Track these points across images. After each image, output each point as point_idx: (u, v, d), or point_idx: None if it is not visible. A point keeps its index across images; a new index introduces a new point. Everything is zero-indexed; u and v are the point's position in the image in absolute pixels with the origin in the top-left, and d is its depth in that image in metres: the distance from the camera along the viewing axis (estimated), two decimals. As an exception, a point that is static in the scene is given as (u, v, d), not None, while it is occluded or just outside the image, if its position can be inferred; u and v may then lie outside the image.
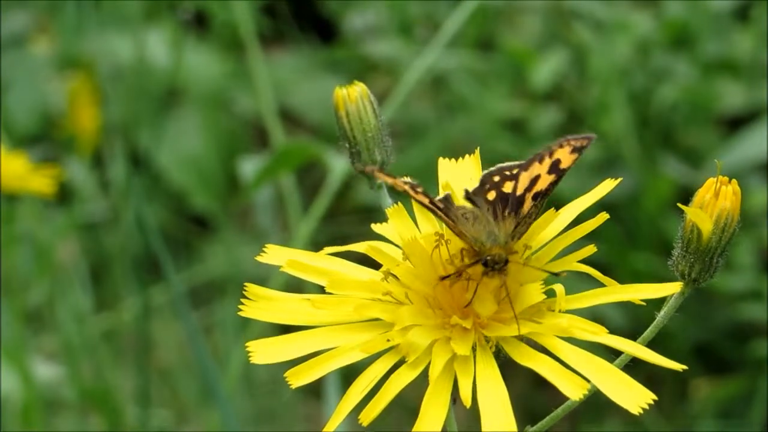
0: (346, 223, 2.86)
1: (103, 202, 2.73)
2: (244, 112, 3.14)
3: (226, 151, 2.99)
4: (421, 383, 0.89)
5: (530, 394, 2.40)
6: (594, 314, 0.89)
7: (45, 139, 2.95)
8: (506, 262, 0.88)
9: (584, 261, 0.92)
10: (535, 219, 0.92)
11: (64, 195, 2.50)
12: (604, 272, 0.90)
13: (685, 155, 2.64)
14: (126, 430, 2.11)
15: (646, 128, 2.65)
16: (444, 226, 0.93)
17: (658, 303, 0.94)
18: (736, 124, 2.68)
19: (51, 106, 2.97)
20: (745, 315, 2.43)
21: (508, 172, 0.94)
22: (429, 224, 0.96)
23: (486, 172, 0.95)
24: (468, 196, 0.95)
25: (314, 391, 2.68)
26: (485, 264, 0.88)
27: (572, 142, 0.92)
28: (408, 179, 0.94)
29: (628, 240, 2.56)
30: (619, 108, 2.56)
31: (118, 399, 2.13)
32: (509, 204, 0.92)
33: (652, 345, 0.88)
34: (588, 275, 0.90)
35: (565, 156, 0.92)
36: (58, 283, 2.25)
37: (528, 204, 0.91)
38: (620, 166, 2.59)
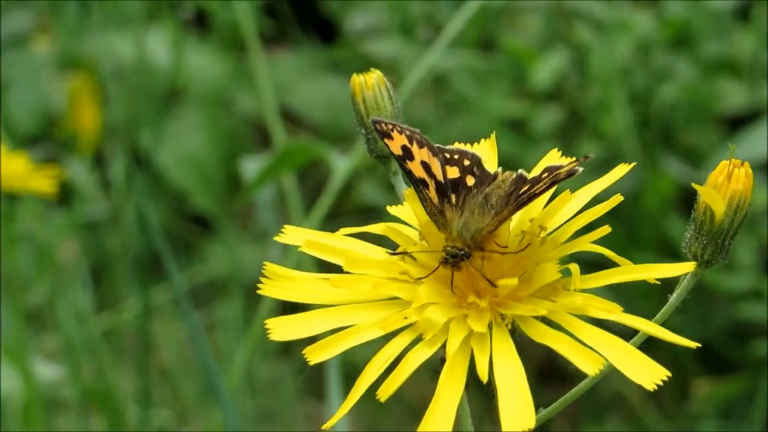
0: (347, 223, 2.85)
1: (103, 202, 2.73)
2: (244, 112, 3.14)
3: (227, 151, 2.99)
4: (422, 381, 0.89)
5: (536, 388, 2.40)
6: (595, 291, 0.89)
7: (46, 138, 2.95)
8: (464, 257, 0.89)
9: (584, 260, 0.92)
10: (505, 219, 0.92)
11: (65, 195, 2.50)
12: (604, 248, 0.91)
13: (685, 155, 2.64)
14: (127, 430, 2.11)
15: (647, 128, 2.65)
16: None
17: (660, 297, 0.94)
18: (737, 123, 2.68)
19: (52, 105, 2.97)
20: (745, 315, 2.43)
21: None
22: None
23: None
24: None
25: (315, 391, 2.69)
26: (446, 255, 0.89)
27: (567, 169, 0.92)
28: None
29: (629, 239, 2.56)
30: (619, 107, 2.56)
31: (119, 399, 2.13)
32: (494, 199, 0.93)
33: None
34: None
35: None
36: (58, 283, 2.25)
37: (511, 207, 0.91)
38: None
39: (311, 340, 0.88)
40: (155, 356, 2.60)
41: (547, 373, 2.37)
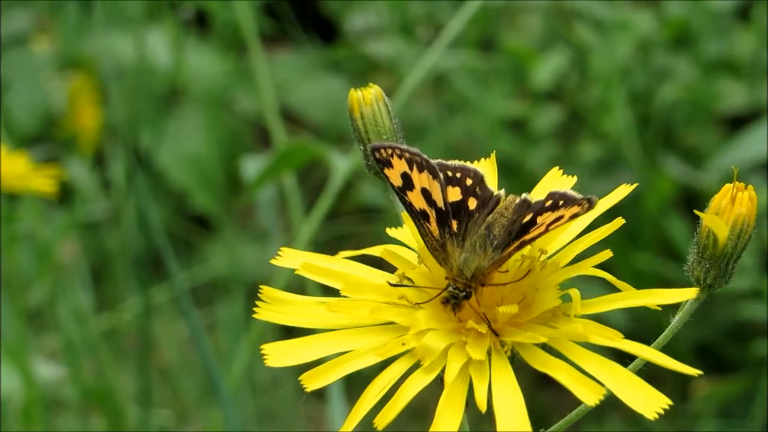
0: (347, 223, 2.85)
1: (104, 202, 2.73)
2: (245, 112, 3.14)
3: (228, 151, 2.98)
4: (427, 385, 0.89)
5: (533, 392, 2.40)
6: (595, 315, 0.89)
7: (46, 138, 2.95)
8: (465, 297, 0.88)
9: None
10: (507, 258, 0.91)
11: (65, 194, 2.50)
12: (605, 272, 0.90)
13: (686, 155, 2.64)
14: (127, 429, 2.11)
15: (647, 128, 2.65)
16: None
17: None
18: (737, 123, 2.68)
19: (52, 105, 2.96)
20: (745, 315, 2.43)
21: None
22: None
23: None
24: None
25: (316, 391, 2.68)
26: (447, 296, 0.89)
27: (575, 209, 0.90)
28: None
29: (629, 240, 2.56)
30: (620, 107, 2.56)
31: (119, 399, 2.13)
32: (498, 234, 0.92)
33: (652, 343, 0.88)
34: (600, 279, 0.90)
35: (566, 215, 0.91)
36: (59, 283, 2.25)
37: (513, 246, 0.90)
38: (621, 166, 2.59)
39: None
40: (155, 356, 2.60)
41: (543, 378, 2.37)
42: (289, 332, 0.91)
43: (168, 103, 2.98)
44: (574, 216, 0.88)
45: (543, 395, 2.43)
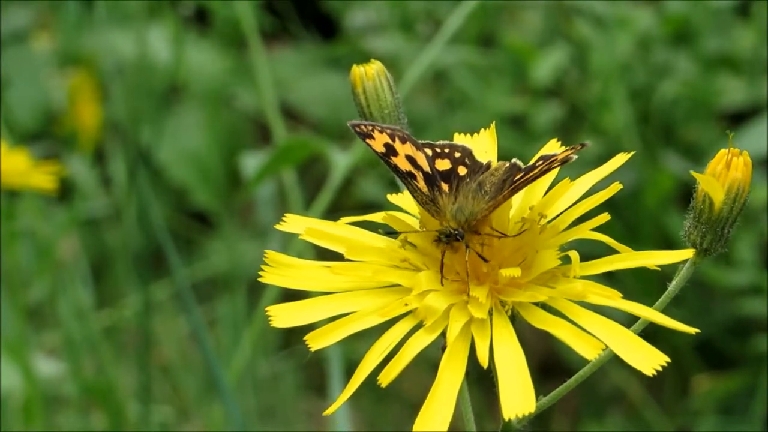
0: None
1: (104, 199, 2.73)
2: (245, 109, 3.14)
3: (228, 148, 2.99)
4: (422, 376, 0.89)
5: (536, 385, 2.40)
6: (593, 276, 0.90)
7: (46, 135, 2.95)
8: (458, 236, 0.89)
9: (582, 253, 0.92)
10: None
11: (66, 191, 2.50)
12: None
13: (686, 151, 2.64)
14: (127, 426, 2.11)
15: (647, 124, 2.65)
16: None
17: (659, 293, 0.95)
18: (737, 119, 2.68)
19: (52, 102, 2.97)
20: (745, 310, 2.43)
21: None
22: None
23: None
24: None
25: (316, 387, 2.69)
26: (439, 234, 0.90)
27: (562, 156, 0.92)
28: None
29: (629, 235, 2.56)
30: (619, 104, 2.56)
31: (120, 395, 2.13)
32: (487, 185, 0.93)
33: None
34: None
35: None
36: (59, 280, 2.25)
37: (506, 192, 0.92)
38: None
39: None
40: (155, 353, 2.60)
41: (547, 369, 2.37)
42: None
43: (168, 100, 2.99)
44: (565, 160, 0.90)
45: (545, 388, 2.44)
